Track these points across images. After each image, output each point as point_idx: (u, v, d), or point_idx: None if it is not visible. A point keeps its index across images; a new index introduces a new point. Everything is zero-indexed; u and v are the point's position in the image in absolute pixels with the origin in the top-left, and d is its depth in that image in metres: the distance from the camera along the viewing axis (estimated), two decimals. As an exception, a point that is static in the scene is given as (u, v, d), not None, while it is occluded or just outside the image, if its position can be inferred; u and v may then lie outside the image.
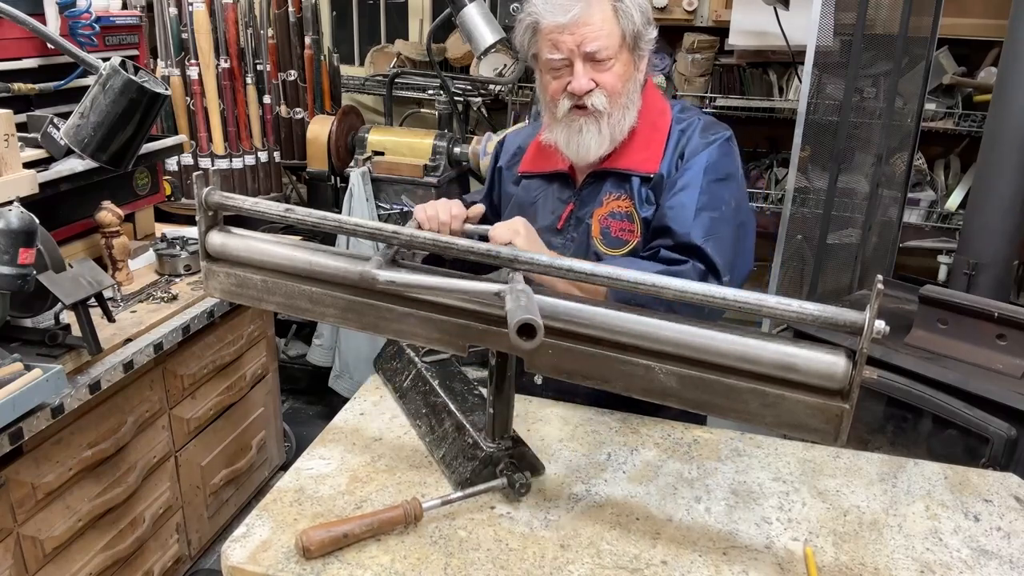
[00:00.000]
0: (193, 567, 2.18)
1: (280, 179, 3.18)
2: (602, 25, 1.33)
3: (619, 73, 1.37)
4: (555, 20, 1.33)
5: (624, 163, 1.44)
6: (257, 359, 2.34)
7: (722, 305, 0.98)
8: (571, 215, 1.48)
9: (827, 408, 0.95)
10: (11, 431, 1.40)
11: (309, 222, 1.16)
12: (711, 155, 1.39)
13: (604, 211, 1.45)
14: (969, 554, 1.12)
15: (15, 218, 1.41)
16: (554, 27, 1.34)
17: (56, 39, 1.89)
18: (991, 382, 1.87)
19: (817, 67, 2.41)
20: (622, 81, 1.38)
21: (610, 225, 1.44)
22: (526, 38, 1.42)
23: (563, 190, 1.52)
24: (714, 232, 1.34)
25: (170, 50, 2.83)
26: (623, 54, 1.37)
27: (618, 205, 1.44)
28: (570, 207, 1.49)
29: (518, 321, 0.86)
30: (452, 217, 1.35)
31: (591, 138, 1.39)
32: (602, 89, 1.36)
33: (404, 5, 3.74)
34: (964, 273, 2.21)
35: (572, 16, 1.32)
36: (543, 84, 1.44)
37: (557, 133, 1.43)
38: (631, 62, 1.40)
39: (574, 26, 1.32)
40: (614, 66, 1.36)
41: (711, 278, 1.32)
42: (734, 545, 1.12)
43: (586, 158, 1.43)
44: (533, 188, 1.56)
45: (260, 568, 1.04)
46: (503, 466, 1.18)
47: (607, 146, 1.41)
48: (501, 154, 1.68)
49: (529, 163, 1.58)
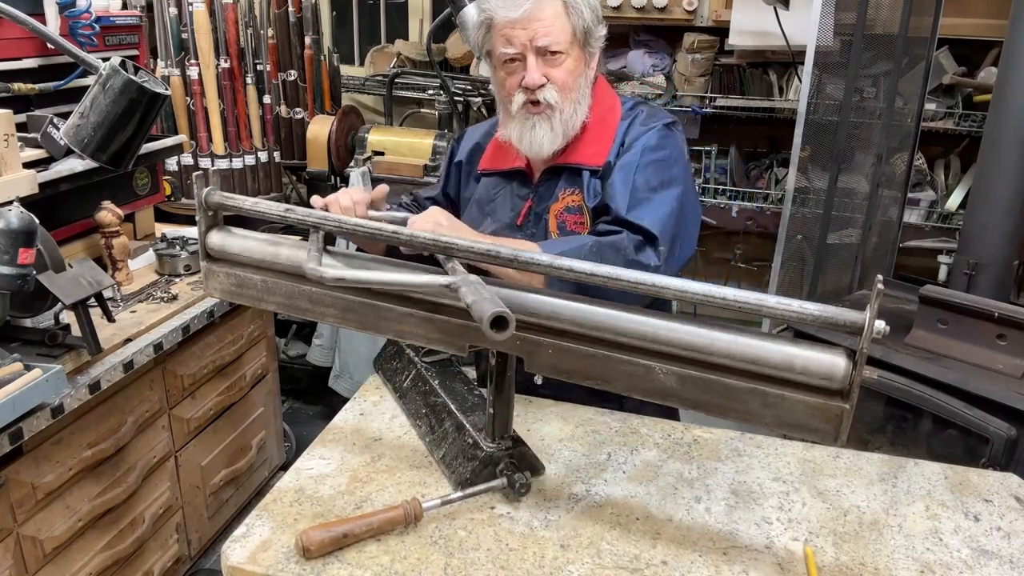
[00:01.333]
0: (193, 567, 2.18)
1: (280, 179, 3.18)
2: (553, 21, 1.38)
3: (570, 69, 1.42)
4: (507, 15, 1.38)
5: (576, 158, 1.48)
6: (257, 359, 2.34)
7: (720, 304, 0.98)
8: (530, 211, 1.52)
9: (827, 408, 0.95)
10: (11, 431, 1.40)
11: (309, 222, 1.16)
12: (649, 138, 1.44)
13: (560, 206, 1.49)
14: (969, 554, 1.12)
15: (15, 218, 1.41)
16: (507, 22, 1.39)
17: (56, 39, 1.89)
18: (991, 382, 1.87)
19: (817, 67, 2.41)
20: (573, 76, 1.42)
21: (565, 219, 1.49)
22: (480, 35, 1.47)
23: (521, 187, 1.55)
24: (648, 205, 1.37)
25: (170, 50, 2.83)
26: (574, 50, 1.42)
27: (572, 200, 1.48)
28: (528, 203, 1.53)
29: (491, 315, 0.89)
30: (354, 203, 1.39)
31: (543, 134, 1.43)
32: (553, 84, 1.41)
33: (404, 5, 3.73)
34: (964, 273, 2.21)
35: (524, 11, 1.37)
36: (498, 81, 1.48)
37: (511, 129, 1.47)
38: (582, 58, 1.44)
39: (526, 21, 1.37)
40: (565, 61, 1.41)
41: (647, 246, 1.34)
42: (734, 545, 1.12)
43: (539, 153, 1.47)
44: (492, 185, 1.59)
45: (260, 568, 1.04)
46: (503, 466, 1.18)
47: (560, 141, 1.45)
48: (459, 149, 1.70)
49: (488, 161, 1.61)
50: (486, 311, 0.90)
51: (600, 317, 1.03)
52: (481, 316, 0.90)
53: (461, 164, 1.68)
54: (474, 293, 0.96)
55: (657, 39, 3.35)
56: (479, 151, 1.65)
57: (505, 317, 0.90)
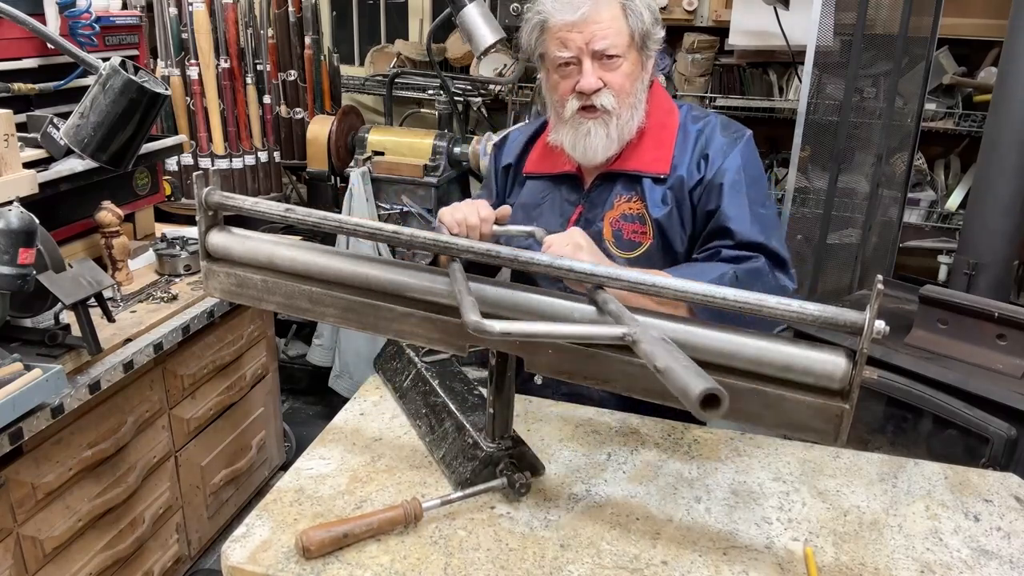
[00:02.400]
0: (193, 567, 2.18)
1: (280, 179, 3.18)
2: (611, 23, 1.33)
3: (627, 72, 1.37)
4: (564, 18, 1.33)
5: (634, 164, 1.43)
6: (257, 359, 2.34)
7: (722, 306, 0.98)
8: (580, 217, 1.47)
9: (827, 408, 0.95)
10: (11, 431, 1.40)
11: (309, 222, 1.16)
12: (744, 154, 1.39)
13: (615, 213, 1.43)
14: (969, 554, 1.12)
15: (15, 218, 1.41)
16: (563, 25, 1.34)
17: (56, 39, 1.89)
18: (991, 382, 1.87)
19: (817, 67, 2.41)
20: (630, 81, 1.37)
21: (622, 227, 1.43)
22: (533, 37, 1.41)
23: (571, 192, 1.50)
24: (770, 227, 1.34)
25: (170, 50, 2.83)
26: (631, 53, 1.37)
27: (629, 207, 1.43)
28: (579, 210, 1.47)
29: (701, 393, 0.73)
30: (482, 220, 1.33)
31: (598, 141, 1.38)
32: (610, 88, 1.36)
33: (404, 5, 3.74)
34: (964, 273, 2.21)
35: (581, 14, 1.32)
36: (551, 84, 1.43)
37: (563, 134, 1.42)
38: (639, 62, 1.39)
39: (583, 24, 1.32)
40: (622, 65, 1.36)
41: (779, 271, 1.30)
42: (734, 545, 1.12)
43: (593, 160, 1.42)
44: (539, 190, 1.54)
45: (260, 568, 1.04)
46: (503, 466, 1.18)
47: (615, 148, 1.41)
48: (505, 151, 1.64)
49: (535, 164, 1.56)
50: (693, 387, 0.74)
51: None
52: (686, 391, 0.75)
53: (510, 167, 1.61)
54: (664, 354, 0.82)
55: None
56: (525, 153, 1.59)
57: (718, 396, 0.73)
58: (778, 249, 1.32)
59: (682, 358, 0.81)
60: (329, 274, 1.15)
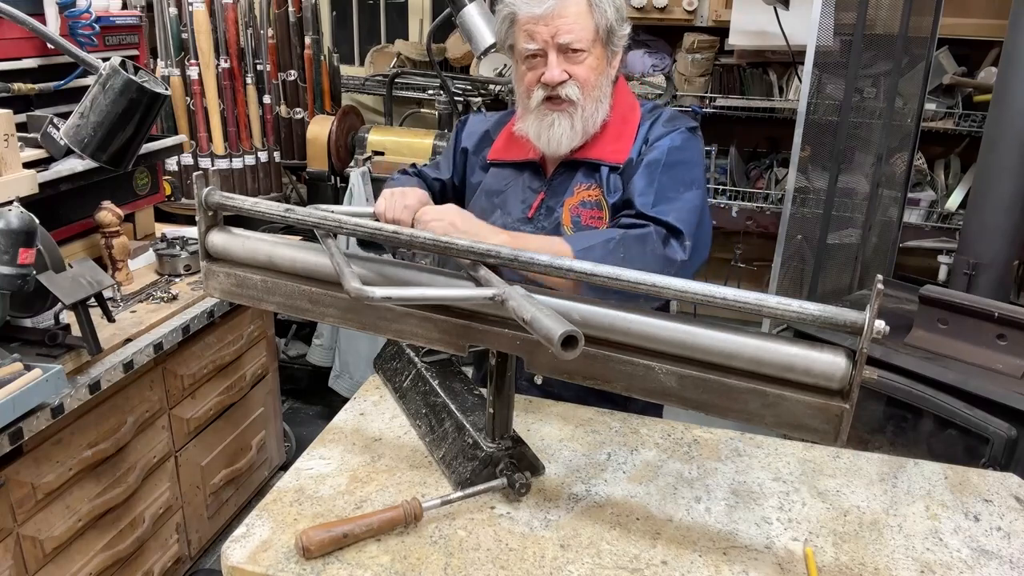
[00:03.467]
0: (193, 567, 2.18)
1: (280, 179, 3.18)
2: (576, 18, 1.38)
3: (592, 66, 1.41)
4: (531, 11, 1.38)
5: (595, 154, 1.48)
6: (257, 359, 2.34)
7: (720, 305, 0.98)
8: (541, 204, 1.51)
9: (827, 408, 0.95)
10: (11, 431, 1.40)
11: (309, 222, 1.16)
12: (673, 140, 1.45)
13: (575, 200, 1.49)
14: (969, 554, 1.12)
15: (15, 218, 1.41)
16: (529, 18, 1.39)
17: (56, 39, 1.89)
18: (991, 382, 1.87)
19: (817, 67, 2.41)
20: (595, 74, 1.42)
21: (580, 213, 1.48)
22: (503, 29, 1.47)
23: (533, 179, 1.55)
24: (673, 203, 1.38)
25: (170, 50, 2.83)
26: (596, 48, 1.41)
27: (588, 194, 1.48)
28: (541, 196, 1.52)
29: (561, 335, 0.85)
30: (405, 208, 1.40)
31: (562, 132, 1.43)
32: (575, 80, 1.40)
33: (404, 5, 3.74)
34: (964, 273, 2.21)
35: (547, 8, 1.37)
36: (518, 75, 1.49)
37: (529, 124, 1.47)
38: (604, 56, 1.44)
39: (549, 17, 1.37)
40: (587, 59, 1.40)
41: (673, 240, 1.35)
42: (734, 545, 1.12)
43: (557, 151, 1.47)
44: (503, 177, 1.59)
45: (260, 568, 1.04)
46: (503, 466, 1.18)
47: (578, 139, 1.45)
48: (463, 135, 1.69)
49: (500, 151, 1.61)
50: (554, 330, 0.86)
51: (600, 317, 1.03)
52: (549, 335, 0.87)
53: (467, 151, 1.67)
54: (530, 307, 0.93)
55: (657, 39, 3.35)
56: (487, 141, 1.64)
57: (575, 336, 0.86)
58: (672, 221, 1.35)
59: (545, 309, 0.91)
60: (329, 274, 1.15)
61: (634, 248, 1.30)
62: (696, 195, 1.41)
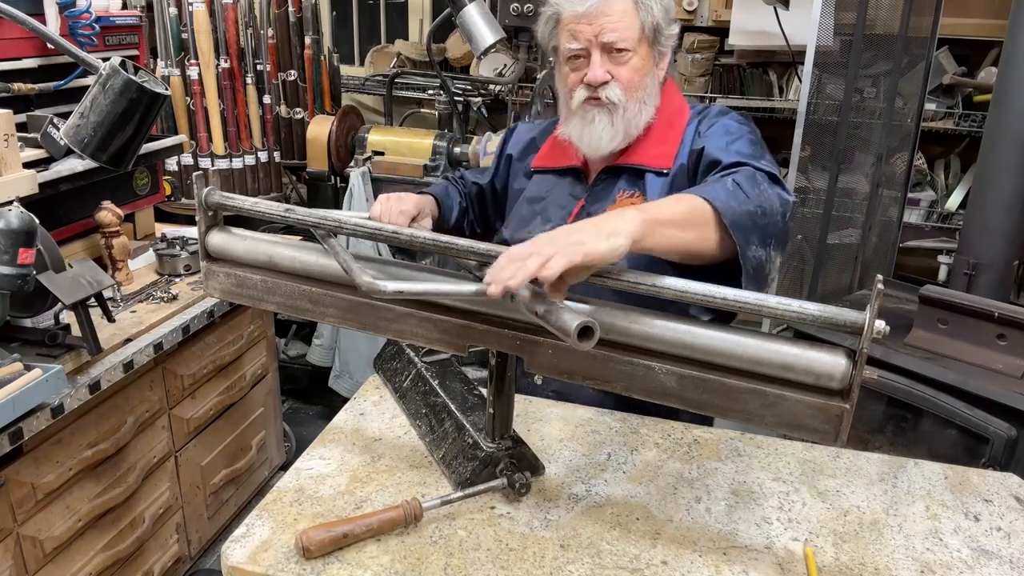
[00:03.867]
0: (193, 567, 2.18)
1: (280, 179, 3.18)
2: (621, 17, 1.33)
3: (636, 67, 1.37)
4: (574, 10, 1.34)
5: (638, 158, 1.43)
6: (257, 359, 2.34)
7: (721, 305, 0.98)
8: (582, 211, 1.46)
9: (827, 408, 0.95)
10: (11, 431, 1.40)
11: (309, 222, 1.16)
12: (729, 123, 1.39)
13: (617, 208, 1.43)
14: (969, 554, 1.12)
15: (15, 218, 1.41)
16: (573, 17, 1.35)
17: (56, 39, 1.89)
18: (991, 382, 1.87)
19: (817, 67, 2.41)
20: (639, 75, 1.38)
21: None
22: (547, 30, 1.42)
23: (575, 186, 1.51)
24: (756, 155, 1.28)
25: (170, 50, 2.83)
26: (642, 47, 1.37)
27: (631, 202, 1.42)
28: (581, 203, 1.47)
29: (578, 326, 0.86)
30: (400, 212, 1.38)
31: (603, 129, 1.38)
32: (618, 82, 1.36)
33: (404, 5, 3.74)
34: (964, 273, 2.21)
35: (590, 6, 1.33)
36: (562, 76, 1.44)
37: (571, 126, 1.43)
38: (650, 56, 1.39)
39: (592, 16, 1.33)
40: (631, 59, 1.36)
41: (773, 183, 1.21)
42: (734, 545, 1.12)
43: (598, 149, 1.41)
44: (545, 184, 1.55)
45: (260, 568, 1.04)
46: (503, 466, 1.18)
47: (620, 139, 1.40)
48: (510, 142, 1.66)
49: (543, 158, 1.57)
50: (570, 322, 0.87)
51: (600, 317, 1.03)
52: (565, 327, 0.87)
53: (512, 158, 1.64)
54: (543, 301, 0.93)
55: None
56: (533, 148, 1.61)
57: (591, 327, 0.87)
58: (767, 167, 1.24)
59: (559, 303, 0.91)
60: (329, 274, 1.15)
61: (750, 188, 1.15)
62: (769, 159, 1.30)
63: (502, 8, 2.57)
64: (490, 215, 1.70)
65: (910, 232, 3.08)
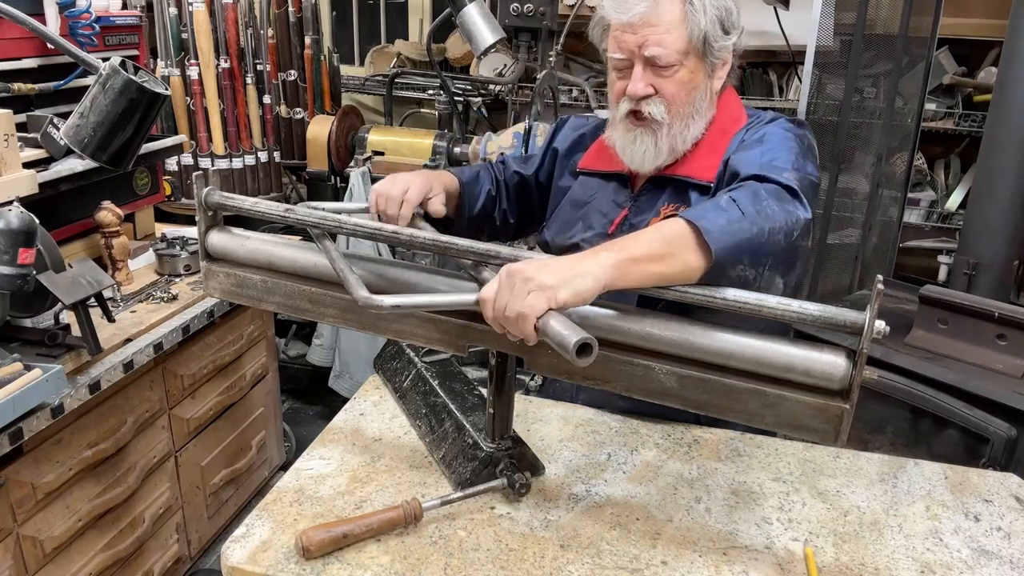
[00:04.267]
0: (193, 567, 2.18)
1: (280, 179, 3.18)
2: (668, 28, 1.25)
3: (683, 81, 1.28)
4: (619, 18, 1.27)
5: (684, 170, 1.35)
6: (257, 359, 2.34)
7: (721, 306, 0.98)
8: (624, 221, 1.40)
9: (827, 408, 0.95)
10: (11, 431, 1.40)
11: (309, 222, 1.16)
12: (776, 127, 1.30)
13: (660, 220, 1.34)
14: (969, 554, 1.12)
15: (15, 218, 1.41)
16: (618, 25, 1.28)
17: (56, 39, 1.89)
18: (991, 382, 1.87)
19: (817, 67, 2.41)
20: (686, 90, 1.29)
21: None
22: (597, 33, 1.36)
23: (619, 192, 1.44)
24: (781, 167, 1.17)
25: (170, 50, 2.83)
26: (690, 60, 1.27)
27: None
28: (624, 212, 1.41)
29: (576, 343, 0.84)
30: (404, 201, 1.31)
31: (644, 149, 1.32)
32: (661, 97, 1.28)
33: (404, 5, 3.74)
34: (964, 273, 2.21)
35: (635, 15, 1.25)
36: (610, 82, 1.37)
37: (615, 136, 1.36)
38: (700, 69, 1.29)
39: (637, 25, 1.25)
40: (677, 72, 1.27)
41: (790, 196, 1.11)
42: (734, 545, 1.12)
43: (640, 168, 1.36)
44: (590, 187, 1.48)
45: (260, 568, 1.04)
46: (503, 466, 1.18)
47: (664, 158, 1.33)
48: (559, 135, 1.58)
49: (590, 160, 1.50)
50: (569, 338, 0.85)
51: (600, 317, 1.03)
52: (563, 343, 0.86)
53: (558, 152, 1.56)
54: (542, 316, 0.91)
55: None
56: (581, 146, 1.53)
57: (589, 343, 0.85)
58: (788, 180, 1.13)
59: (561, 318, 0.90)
60: (329, 275, 1.15)
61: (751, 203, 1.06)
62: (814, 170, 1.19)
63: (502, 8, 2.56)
64: (533, 207, 1.62)
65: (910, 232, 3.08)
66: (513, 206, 1.61)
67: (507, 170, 1.60)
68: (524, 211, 1.62)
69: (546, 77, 2.70)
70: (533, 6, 2.49)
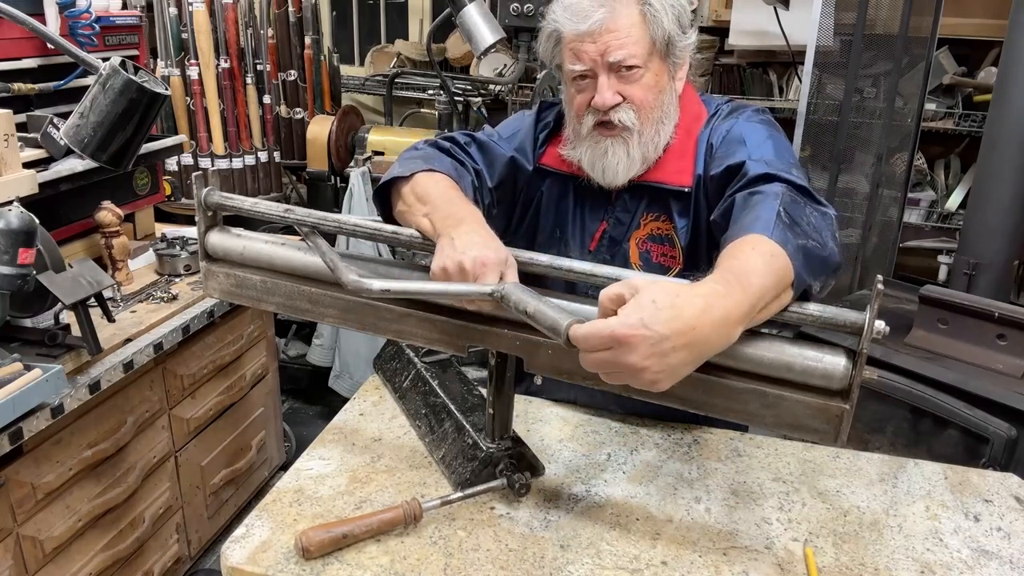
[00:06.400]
0: (193, 567, 2.18)
1: (280, 179, 3.18)
2: (628, 31, 1.20)
3: (650, 84, 1.24)
4: (576, 27, 1.21)
5: (658, 176, 1.31)
6: (257, 359, 2.34)
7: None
8: (604, 235, 1.35)
9: (827, 408, 0.95)
10: (11, 431, 1.40)
11: (309, 222, 1.16)
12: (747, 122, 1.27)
13: (643, 233, 1.33)
14: (969, 554, 1.12)
15: (15, 218, 1.41)
16: (575, 36, 1.22)
17: (56, 39, 1.89)
18: (991, 382, 1.87)
19: (817, 67, 2.41)
20: (653, 93, 1.24)
21: (650, 249, 1.32)
22: (548, 47, 1.29)
23: (595, 205, 1.37)
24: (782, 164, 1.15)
25: (170, 50, 2.83)
26: (653, 62, 1.23)
27: (657, 227, 1.32)
28: (603, 226, 1.35)
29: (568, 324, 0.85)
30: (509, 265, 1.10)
31: (618, 161, 1.26)
32: (630, 103, 1.23)
33: (404, 5, 3.74)
34: (964, 273, 2.22)
35: (593, 23, 1.19)
36: (568, 97, 1.30)
37: (582, 152, 1.29)
38: (664, 71, 1.25)
39: (597, 33, 1.20)
40: (643, 76, 1.23)
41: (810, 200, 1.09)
42: (734, 545, 1.12)
43: (613, 182, 1.29)
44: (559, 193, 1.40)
45: (260, 568, 1.04)
46: (503, 466, 1.18)
47: (638, 167, 1.28)
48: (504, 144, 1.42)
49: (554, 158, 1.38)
50: (560, 321, 0.85)
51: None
52: (555, 326, 0.86)
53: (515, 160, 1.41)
54: (532, 300, 0.91)
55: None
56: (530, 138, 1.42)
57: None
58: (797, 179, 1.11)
59: (549, 301, 0.91)
60: (328, 274, 1.15)
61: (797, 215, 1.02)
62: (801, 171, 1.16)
63: (502, 8, 2.57)
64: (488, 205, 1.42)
65: (910, 232, 3.08)
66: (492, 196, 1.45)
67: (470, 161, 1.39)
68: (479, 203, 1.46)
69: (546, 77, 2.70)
70: (533, 6, 2.49)
